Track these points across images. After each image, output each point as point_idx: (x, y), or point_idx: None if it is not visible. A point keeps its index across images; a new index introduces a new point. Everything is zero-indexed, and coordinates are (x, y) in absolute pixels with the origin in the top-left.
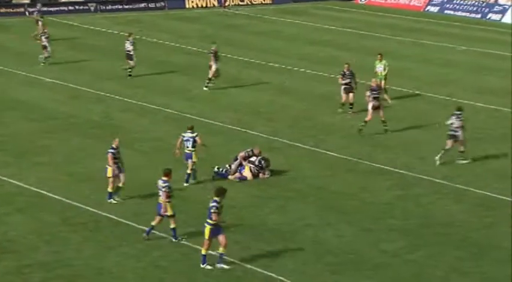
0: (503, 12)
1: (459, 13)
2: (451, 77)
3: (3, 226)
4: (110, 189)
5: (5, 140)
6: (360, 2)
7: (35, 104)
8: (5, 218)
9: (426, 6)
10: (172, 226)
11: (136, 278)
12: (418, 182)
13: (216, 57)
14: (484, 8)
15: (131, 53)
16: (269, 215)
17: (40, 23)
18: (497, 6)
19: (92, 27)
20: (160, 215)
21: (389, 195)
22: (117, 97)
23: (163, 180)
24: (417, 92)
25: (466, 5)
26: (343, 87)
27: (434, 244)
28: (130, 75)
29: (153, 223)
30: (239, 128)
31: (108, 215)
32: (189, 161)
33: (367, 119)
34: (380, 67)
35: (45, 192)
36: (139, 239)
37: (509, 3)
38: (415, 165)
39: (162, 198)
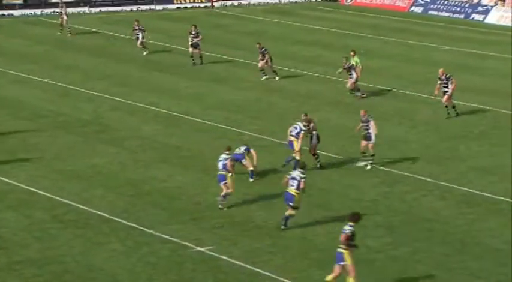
0: (486, 13)
1: (443, 13)
2: (434, 75)
3: None
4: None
5: None
6: (346, 3)
7: (25, 102)
8: None
9: (410, 6)
10: (289, 213)
11: (126, 274)
12: (403, 180)
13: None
14: (467, 9)
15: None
16: (257, 212)
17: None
18: (480, 7)
19: (81, 27)
20: (289, 204)
21: (375, 192)
22: (106, 96)
23: (299, 171)
24: (401, 91)
25: (449, 5)
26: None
27: (419, 240)
28: (197, 63)
29: (288, 213)
30: (226, 126)
31: (97, 212)
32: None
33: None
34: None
35: (35, 190)
36: (128, 235)
37: (492, 3)
38: (400, 162)
39: (293, 189)
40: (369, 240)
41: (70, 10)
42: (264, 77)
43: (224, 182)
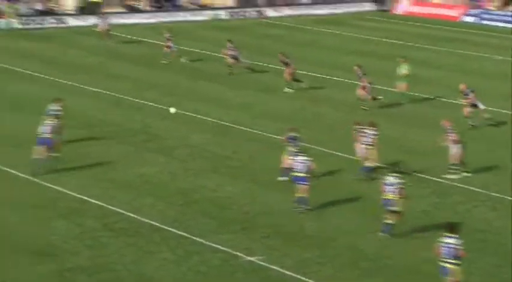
0: None
1: (495, 23)
2: (486, 86)
3: (45, 230)
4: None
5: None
6: (397, 13)
7: (77, 111)
8: (47, 223)
9: (462, 16)
10: (390, 221)
11: None
12: (454, 190)
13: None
14: None
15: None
16: (306, 221)
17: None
18: None
19: (129, 36)
20: (389, 210)
21: (426, 203)
22: (155, 105)
23: (395, 176)
24: (451, 101)
25: (502, 15)
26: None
27: (471, 251)
28: (234, 73)
29: (389, 221)
30: (275, 135)
31: (148, 220)
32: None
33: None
34: (403, 69)
35: (86, 198)
36: (179, 244)
37: None
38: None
39: (392, 195)
40: (421, 251)
41: (120, 20)
42: (288, 89)
43: (304, 183)
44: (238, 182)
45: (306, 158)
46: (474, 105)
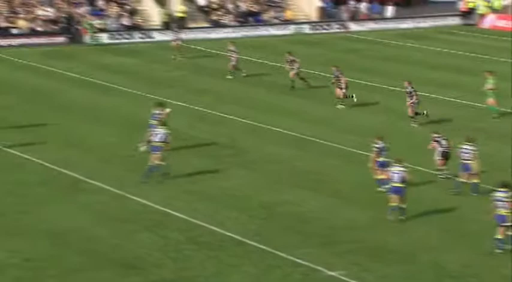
0: None
1: None
2: None
3: (130, 243)
4: None
5: (133, 160)
6: (483, 27)
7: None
8: (132, 236)
9: None
10: (504, 234)
11: None
12: None
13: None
14: None
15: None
16: (389, 236)
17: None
18: None
19: (213, 51)
20: (502, 225)
21: None
22: (238, 119)
23: (503, 191)
24: None
25: None
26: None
27: None
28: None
29: (499, 236)
30: (358, 150)
31: (231, 234)
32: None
33: None
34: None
35: (169, 211)
36: (261, 258)
37: None
38: None
39: (505, 210)
40: (505, 270)
41: (204, 35)
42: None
43: (401, 194)
44: (321, 196)
45: (401, 168)
46: None
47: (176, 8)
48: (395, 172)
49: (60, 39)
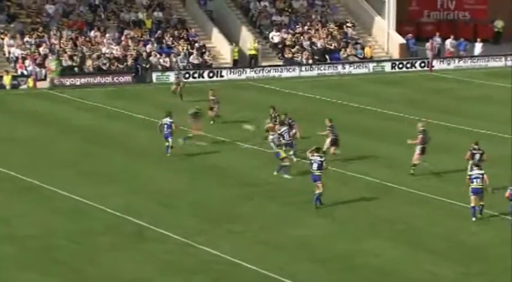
0: None
1: None
2: None
3: None
4: None
5: (200, 207)
6: None
7: (232, 169)
8: None
9: None
10: None
11: None
12: None
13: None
14: None
15: None
16: None
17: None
18: None
19: (286, 90)
20: None
21: None
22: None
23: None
24: None
25: None
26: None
27: None
28: None
29: None
30: (443, 198)
31: None
32: None
33: None
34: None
35: (240, 262)
36: None
37: None
38: None
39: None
40: None
41: (277, 73)
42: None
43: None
44: (402, 247)
45: None
46: None
47: (248, 45)
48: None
49: (126, 78)
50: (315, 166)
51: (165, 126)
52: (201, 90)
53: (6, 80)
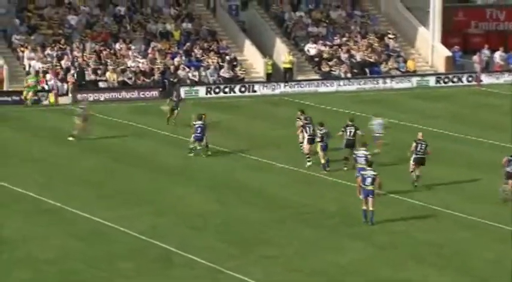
0: None
1: None
2: None
3: None
4: None
5: (230, 230)
6: None
7: (264, 190)
8: None
9: None
10: None
11: None
12: None
13: None
14: None
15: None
16: None
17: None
18: None
19: (322, 106)
20: None
21: None
22: (347, 182)
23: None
24: None
25: None
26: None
27: None
28: None
29: None
30: (492, 222)
31: None
32: None
33: None
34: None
35: None
36: None
37: None
38: None
39: None
40: None
41: (313, 88)
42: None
43: None
44: (448, 274)
45: None
46: None
47: (282, 58)
48: None
49: (153, 93)
50: (368, 181)
51: (199, 129)
52: (232, 106)
53: (26, 94)
